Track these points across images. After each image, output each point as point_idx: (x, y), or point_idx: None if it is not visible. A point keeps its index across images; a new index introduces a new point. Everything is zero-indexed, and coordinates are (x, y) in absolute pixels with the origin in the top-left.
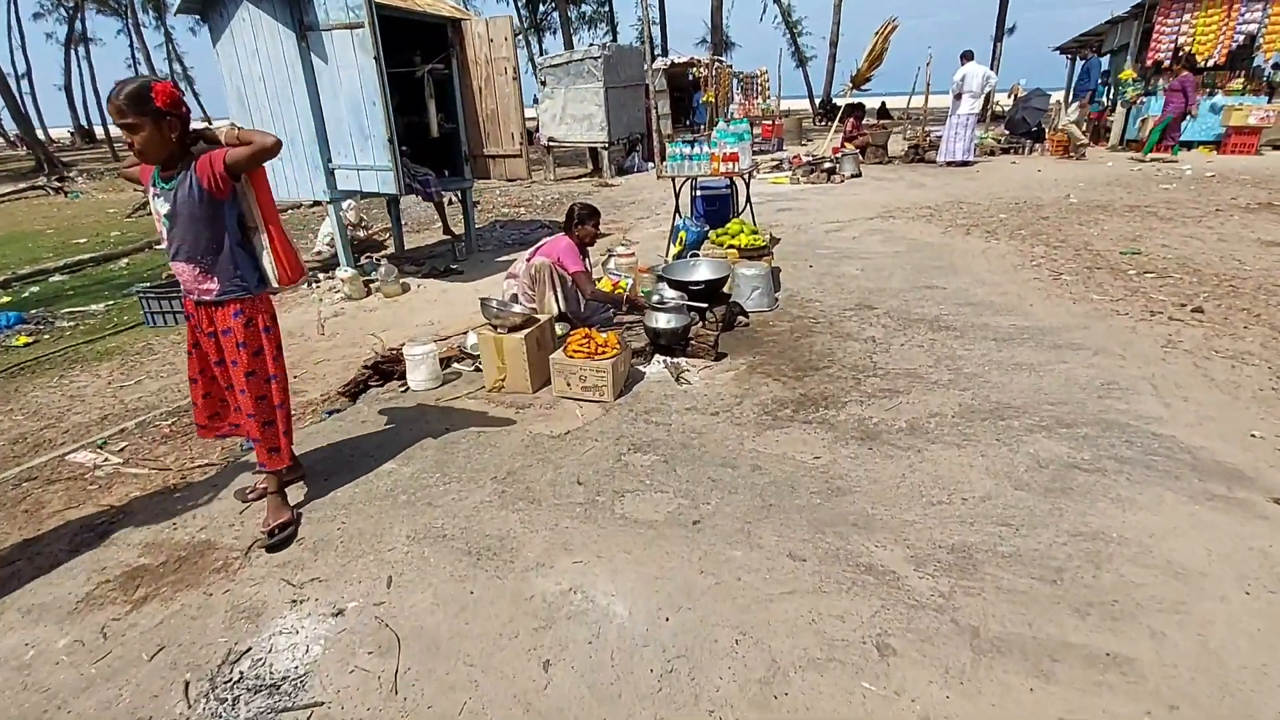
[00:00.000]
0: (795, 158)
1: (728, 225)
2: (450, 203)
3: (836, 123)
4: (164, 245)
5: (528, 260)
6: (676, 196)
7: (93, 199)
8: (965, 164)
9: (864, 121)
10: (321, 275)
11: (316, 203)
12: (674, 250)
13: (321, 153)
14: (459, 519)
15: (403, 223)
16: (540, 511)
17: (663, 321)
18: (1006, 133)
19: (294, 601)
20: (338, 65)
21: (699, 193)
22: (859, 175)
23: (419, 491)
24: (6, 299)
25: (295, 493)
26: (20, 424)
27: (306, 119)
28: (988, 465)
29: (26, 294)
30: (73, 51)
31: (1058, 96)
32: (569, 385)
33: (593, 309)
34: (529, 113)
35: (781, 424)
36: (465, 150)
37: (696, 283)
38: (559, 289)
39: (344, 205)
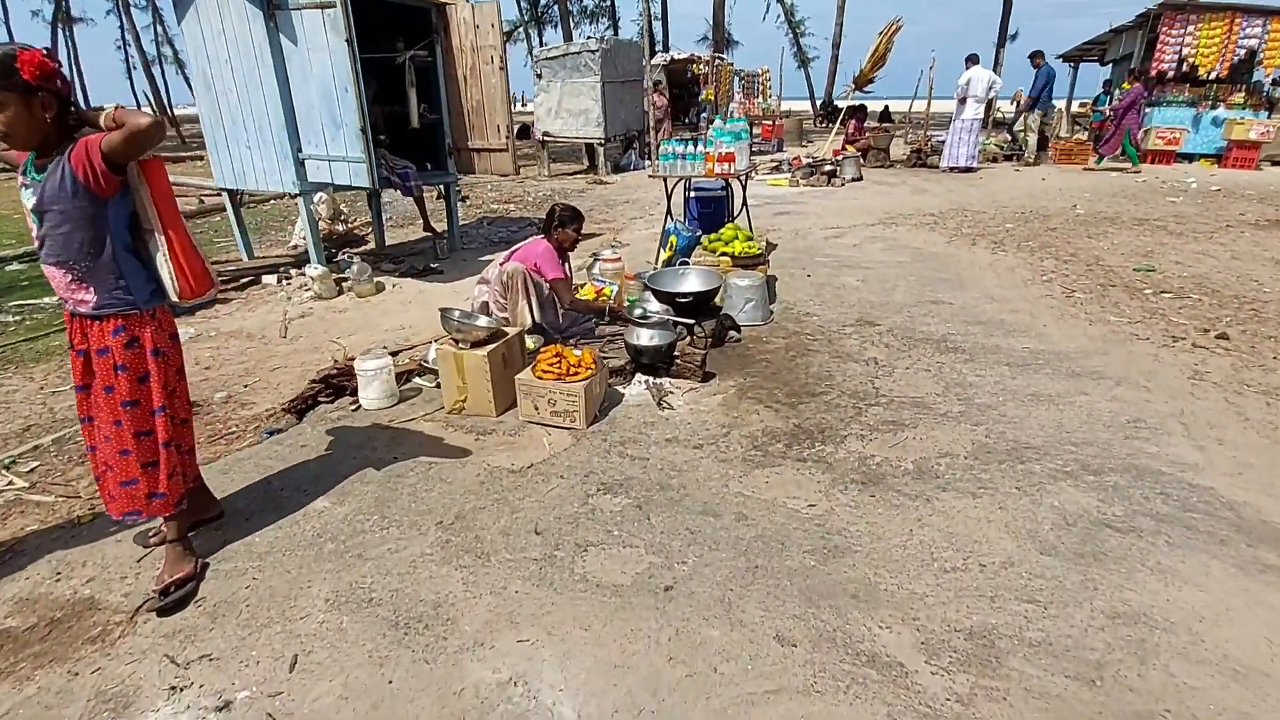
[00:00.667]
0: (795, 159)
1: (721, 230)
2: (438, 197)
3: (838, 125)
4: (36, 246)
5: (500, 265)
6: (668, 198)
7: None
8: (968, 170)
9: (866, 124)
10: (294, 271)
11: (292, 195)
12: (663, 256)
13: (291, 142)
14: (392, 577)
15: (387, 217)
16: (488, 569)
17: (645, 338)
18: (1009, 139)
19: (174, 688)
20: (308, 48)
21: (693, 194)
22: (860, 179)
23: (351, 539)
24: None
25: (210, 536)
26: None
27: (275, 105)
28: (1007, 520)
29: None
30: (60, 30)
31: (1060, 105)
32: (537, 409)
33: (571, 319)
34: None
35: (773, 461)
36: (449, 143)
37: (684, 295)
38: (534, 297)
39: (316, 199)
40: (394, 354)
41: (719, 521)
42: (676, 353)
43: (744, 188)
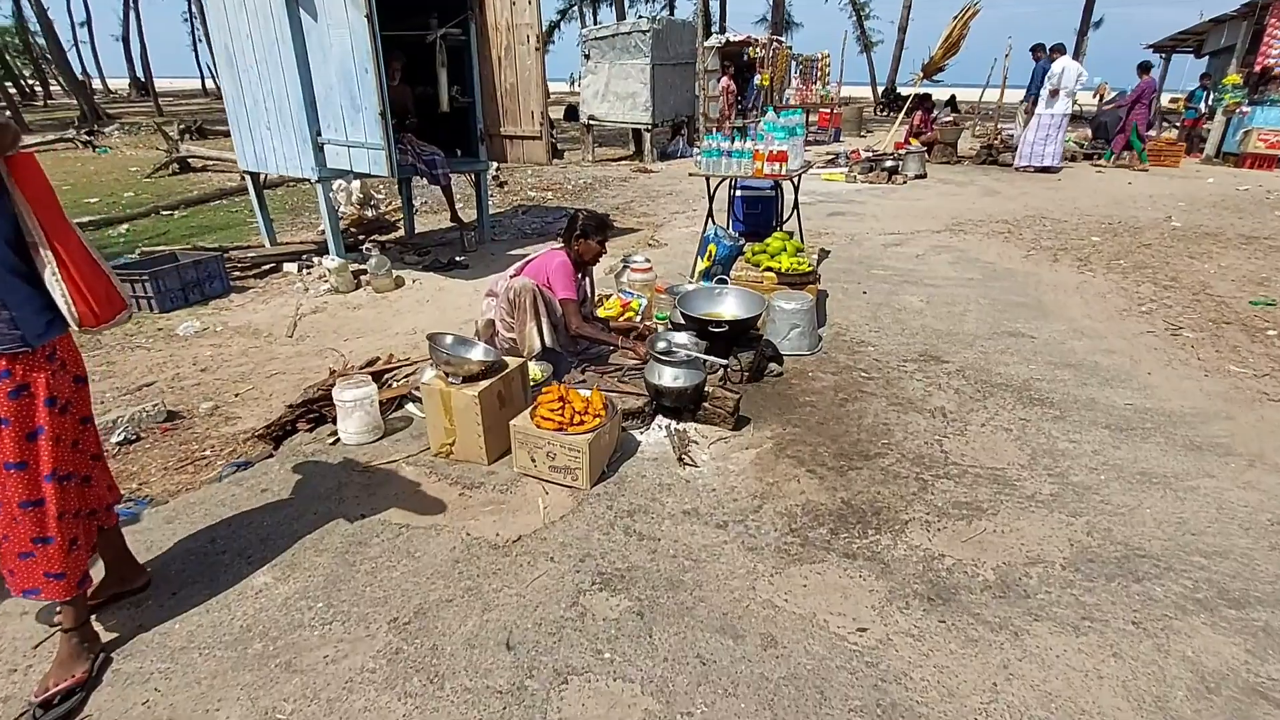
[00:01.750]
0: (854, 152)
1: (768, 241)
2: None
3: (902, 115)
4: None
5: (510, 278)
6: (710, 200)
7: (120, 155)
8: (1048, 170)
9: (933, 115)
10: (317, 259)
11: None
12: (701, 266)
13: (310, 125)
14: (319, 704)
15: (421, 201)
16: (439, 701)
17: (668, 378)
18: (1090, 137)
19: None
20: (328, 24)
21: (739, 193)
22: (924, 176)
23: (284, 636)
24: None
25: (125, 615)
26: None
27: (294, 85)
28: (1125, 678)
29: None
30: (128, 2)
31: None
32: (534, 462)
33: (585, 345)
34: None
35: (814, 554)
36: (481, 128)
37: (718, 322)
38: (544, 318)
39: (335, 185)
40: (383, 374)
41: (740, 647)
42: (706, 394)
43: (796, 189)
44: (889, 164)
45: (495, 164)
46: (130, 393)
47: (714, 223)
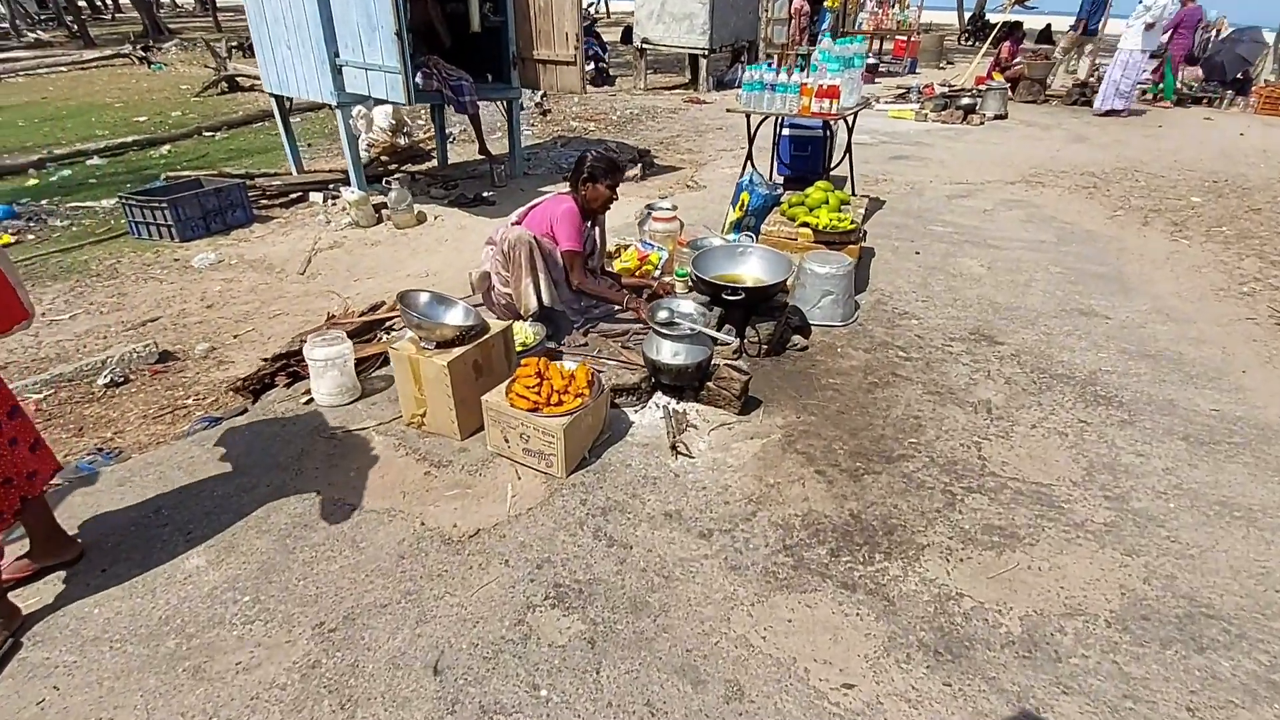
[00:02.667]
0: (928, 87)
1: (808, 192)
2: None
3: (987, 45)
4: None
5: (512, 224)
6: (750, 141)
7: (174, 72)
8: (1119, 114)
9: (1021, 46)
10: (344, 189)
11: (319, 106)
12: (732, 217)
13: (327, 45)
14: None
15: (460, 130)
16: None
17: (667, 354)
18: (1201, 78)
19: None
20: None
21: (786, 132)
22: (1004, 116)
23: (202, 634)
24: (33, 181)
25: (48, 591)
26: None
27: (311, 1)
28: None
29: (55, 177)
30: None
31: (1270, 36)
32: (506, 441)
33: (590, 303)
34: (626, 6)
35: (806, 579)
36: (514, 51)
37: (734, 288)
38: (543, 275)
39: (356, 110)
40: (383, 323)
41: (698, 696)
42: (710, 373)
43: (850, 130)
44: (965, 101)
45: (541, 91)
46: (134, 328)
47: (752, 167)
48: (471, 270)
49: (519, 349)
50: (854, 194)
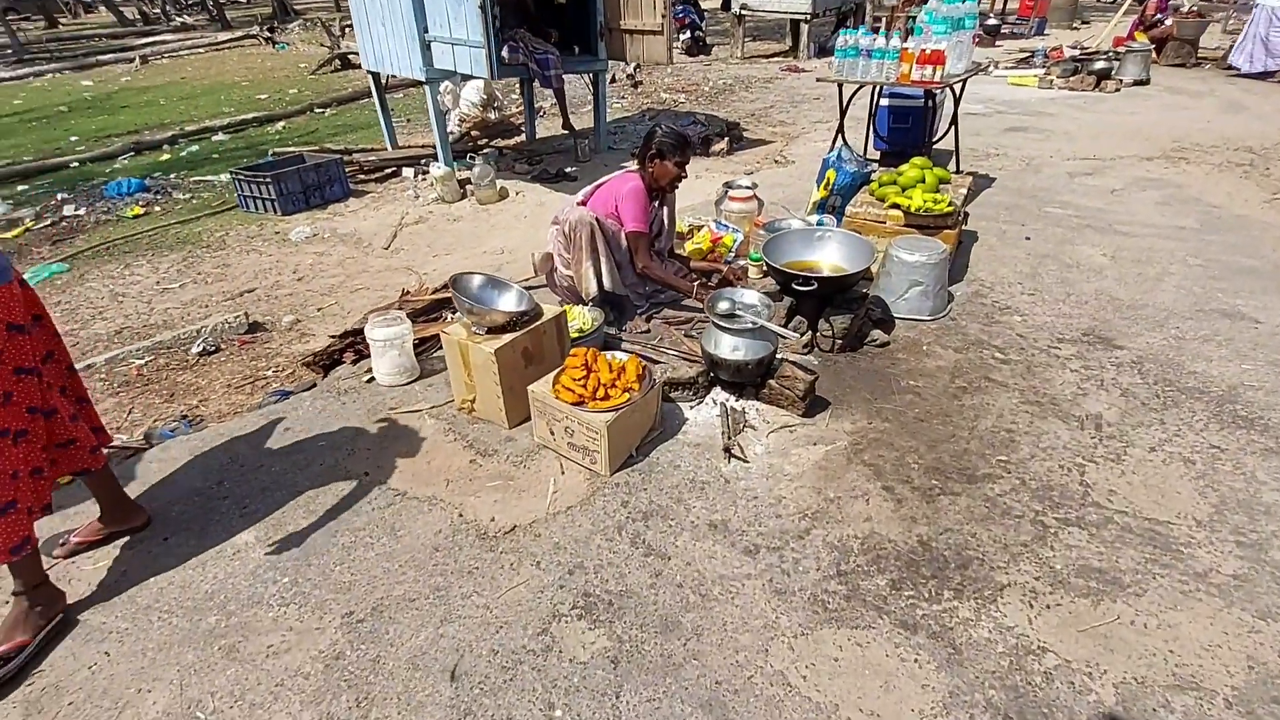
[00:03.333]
0: (1055, 50)
1: (902, 169)
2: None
3: (1130, 2)
4: None
5: (577, 204)
6: (841, 113)
7: (295, 51)
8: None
9: (1170, 2)
10: (431, 165)
11: (416, 83)
12: (816, 196)
13: (417, 20)
14: (240, 708)
15: (551, 104)
16: None
17: (726, 348)
18: None
19: None
20: None
21: (884, 102)
22: (1145, 82)
23: (240, 613)
24: (166, 156)
25: (124, 554)
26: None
27: None
28: None
29: (185, 152)
30: None
31: None
32: (552, 434)
33: (654, 287)
34: None
35: (860, 613)
36: (601, 21)
37: (805, 278)
38: (604, 259)
39: (443, 86)
40: (437, 309)
41: None
42: (774, 369)
43: (957, 100)
44: (1099, 65)
45: (634, 63)
46: (233, 298)
47: (843, 141)
48: (535, 251)
49: (575, 335)
50: (958, 171)
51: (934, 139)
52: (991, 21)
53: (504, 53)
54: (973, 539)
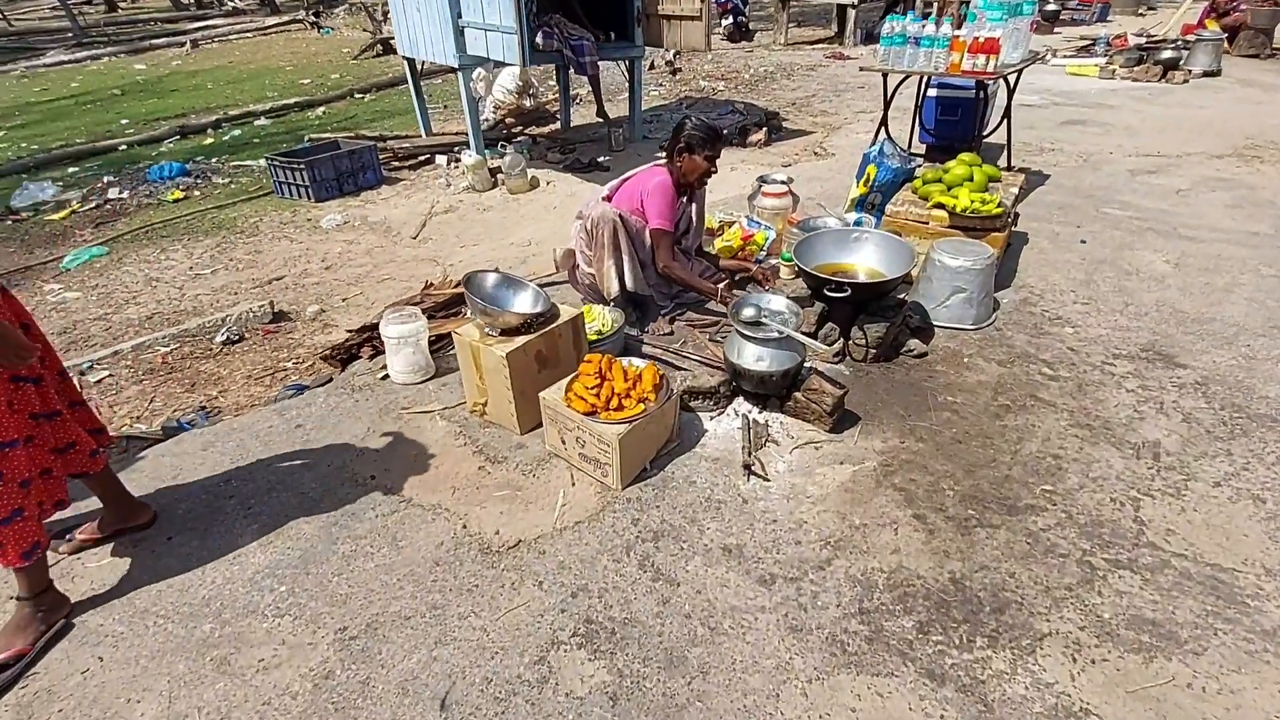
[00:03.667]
0: (1119, 38)
1: (948, 165)
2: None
3: None
4: None
5: (603, 199)
6: (885, 105)
7: (339, 35)
8: None
9: None
10: (463, 153)
11: (451, 69)
12: (855, 193)
13: (451, 5)
14: None
15: (588, 91)
16: None
17: (749, 358)
18: None
19: None
20: None
21: (932, 92)
22: (1216, 73)
23: (234, 623)
24: (209, 140)
25: (127, 554)
26: (84, 309)
27: None
28: None
29: (228, 136)
30: None
31: None
32: (563, 443)
33: (679, 288)
34: None
35: (882, 658)
36: (638, 7)
37: (838, 283)
38: (626, 257)
39: (476, 73)
40: (459, 303)
41: None
42: (800, 381)
43: (1010, 91)
44: (1166, 55)
45: (674, 50)
46: (261, 285)
47: (886, 134)
48: (556, 247)
49: (593, 337)
50: (1009, 168)
51: (986, 132)
52: (1050, 6)
53: (538, 39)
54: (1011, 579)
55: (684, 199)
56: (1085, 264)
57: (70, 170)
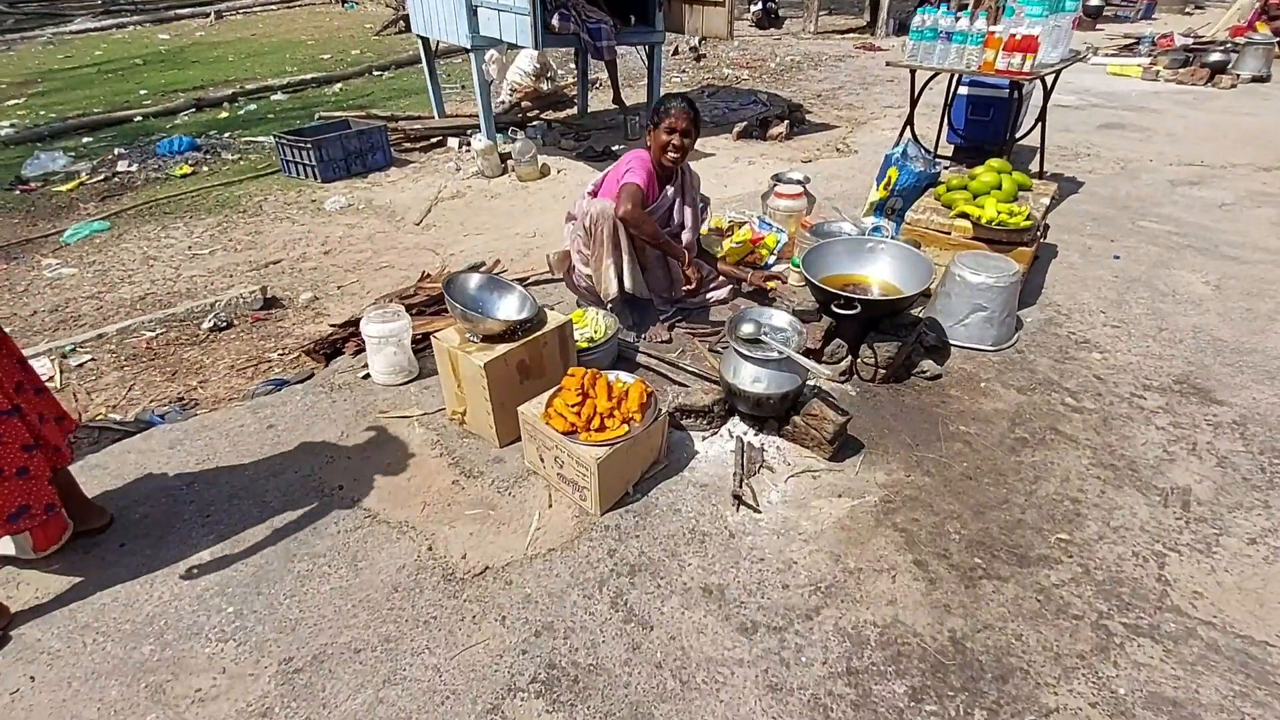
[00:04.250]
0: (1164, 37)
1: (975, 171)
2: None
3: None
4: None
5: (589, 193)
6: (912, 103)
7: (363, 10)
8: None
9: None
10: (473, 137)
11: (464, 50)
12: (874, 197)
13: None
14: None
15: (604, 76)
16: None
17: (745, 379)
18: None
19: None
20: None
21: (963, 90)
22: (1266, 79)
23: (177, 644)
24: (224, 114)
25: (75, 559)
26: (78, 286)
27: None
28: None
29: (243, 111)
30: None
31: None
32: (542, 462)
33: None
34: None
35: None
36: None
37: (847, 298)
38: (625, 256)
39: (488, 55)
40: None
41: None
42: (800, 405)
43: (1047, 92)
44: (1215, 57)
45: (699, 36)
46: (258, 269)
47: (911, 134)
48: (550, 252)
49: (584, 345)
50: (1041, 174)
51: (1019, 135)
52: (1094, 2)
53: (554, 21)
54: (1018, 642)
55: (669, 188)
56: (1118, 282)
57: (84, 140)
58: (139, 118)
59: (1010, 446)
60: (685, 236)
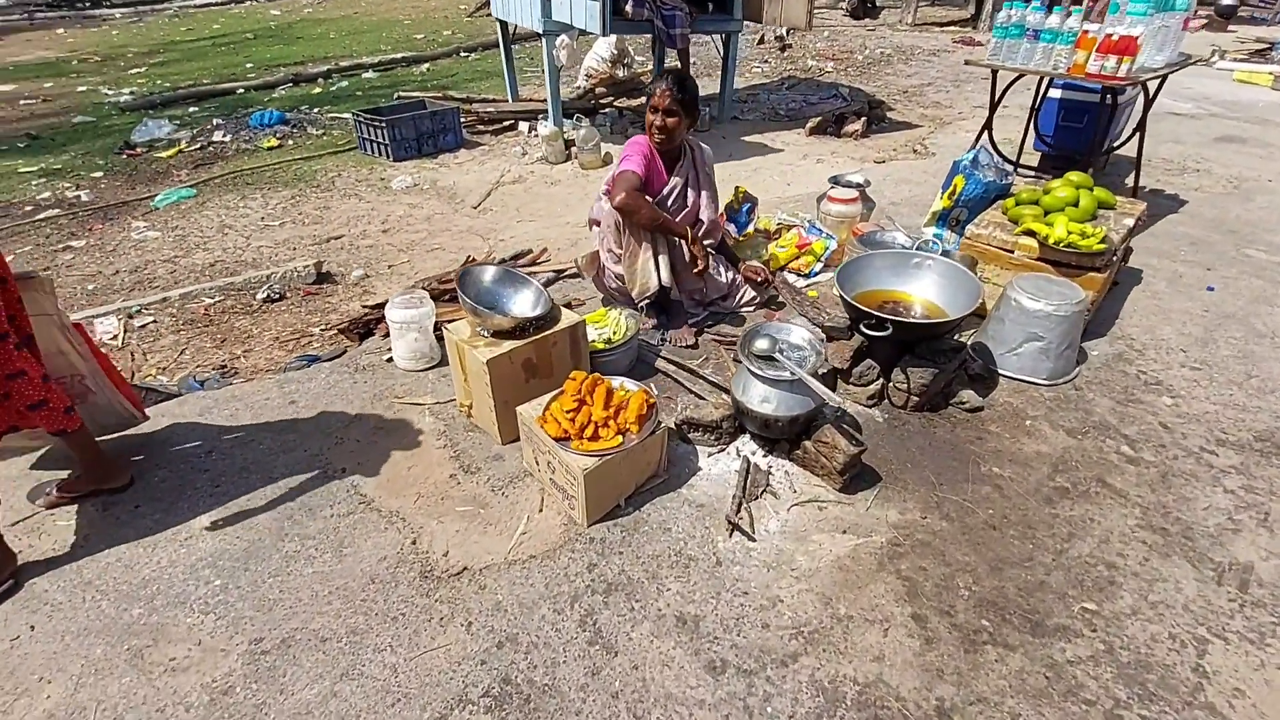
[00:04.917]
0: None
1: (1050, 184)
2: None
3: None
4: None
5: (604, 194)
6: (992, 106)
7: None
8: None
9: None
10: (541, 122)
11: (535, 34)
12: (938, 206)
13: None
14: None
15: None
16: None
17: (755, 398)
18: None
19: None
20: None
21: (1055, 93)
22: None
23: (162, 611)
24: (317, 90)
25: (94, 514)
26: (159, 249)
27: None
28: None
29: (335, 87)
30: None
31: None
32: (537, 464)
33: (723, 290)
34: None
35: None
36: None
37: (879, 319)
38: (663, 250)
39: (558, 40)
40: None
41: None
42: (813, 429)
43: (1150, 100)
44: None
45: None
46: (321, 243)
47: (988, 139)
48: (579, 256)
49: (602, 345)
50: (1136, 191)
51: (1114, 144)
52: (1227, 1)
53: (628, 6)
54: None
55: (677, 173)
56: (1207, 317)
57: (190, 110)
58: (240, 90)
59: (1047, 496)
60: (705, 216)
